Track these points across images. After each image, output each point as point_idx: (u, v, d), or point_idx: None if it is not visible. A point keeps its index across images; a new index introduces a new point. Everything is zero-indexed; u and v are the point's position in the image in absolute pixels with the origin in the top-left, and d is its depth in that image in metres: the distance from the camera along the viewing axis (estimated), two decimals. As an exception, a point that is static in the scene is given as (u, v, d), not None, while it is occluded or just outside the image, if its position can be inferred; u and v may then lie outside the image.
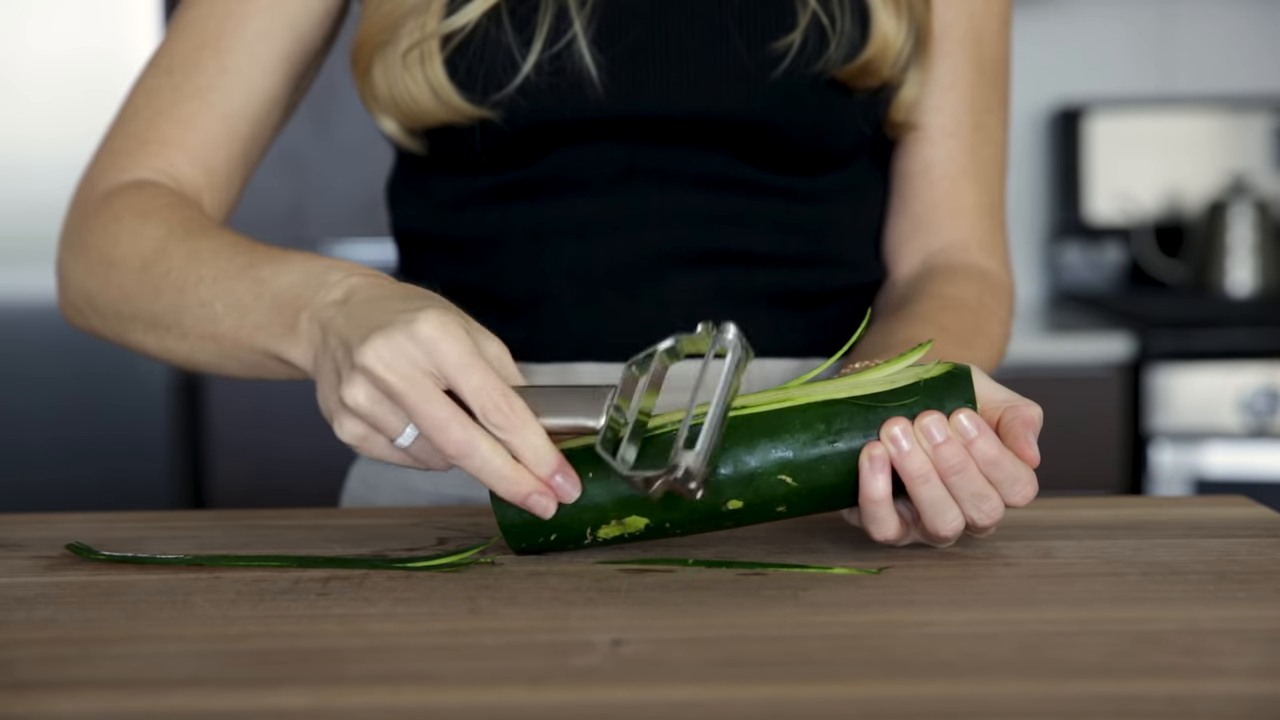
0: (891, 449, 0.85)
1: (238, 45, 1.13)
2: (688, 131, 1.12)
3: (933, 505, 0.86)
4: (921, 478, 0.85)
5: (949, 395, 0.86)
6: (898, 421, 0.85)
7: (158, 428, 2.51)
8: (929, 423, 0.85)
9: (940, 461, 0.85)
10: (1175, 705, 0.65)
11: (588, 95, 1.09)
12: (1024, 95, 3.03)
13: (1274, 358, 2.46)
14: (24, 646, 0.74)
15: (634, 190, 1.13)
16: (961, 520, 0.87)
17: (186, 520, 1.03)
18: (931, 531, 0.87)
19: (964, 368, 0.87)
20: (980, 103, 1.20)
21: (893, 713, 0.64)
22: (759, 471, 0.86)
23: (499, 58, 1.09)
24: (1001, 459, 0.86)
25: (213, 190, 1.13)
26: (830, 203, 1.17)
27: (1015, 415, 0.87)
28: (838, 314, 1.18)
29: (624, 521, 0.87)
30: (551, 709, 0.65)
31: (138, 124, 1.13)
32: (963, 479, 0.85)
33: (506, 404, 0.84)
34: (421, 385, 0.84)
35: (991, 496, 0.86)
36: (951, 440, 0.85)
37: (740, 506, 0.87)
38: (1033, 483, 0.87)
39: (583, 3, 1.10)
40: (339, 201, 2.59)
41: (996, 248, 1.21)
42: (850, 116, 1.13)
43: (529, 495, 0.85)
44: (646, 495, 0.84)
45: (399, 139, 1.15)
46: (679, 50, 1.11)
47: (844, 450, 0.86)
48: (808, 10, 1.11)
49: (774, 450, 0.86)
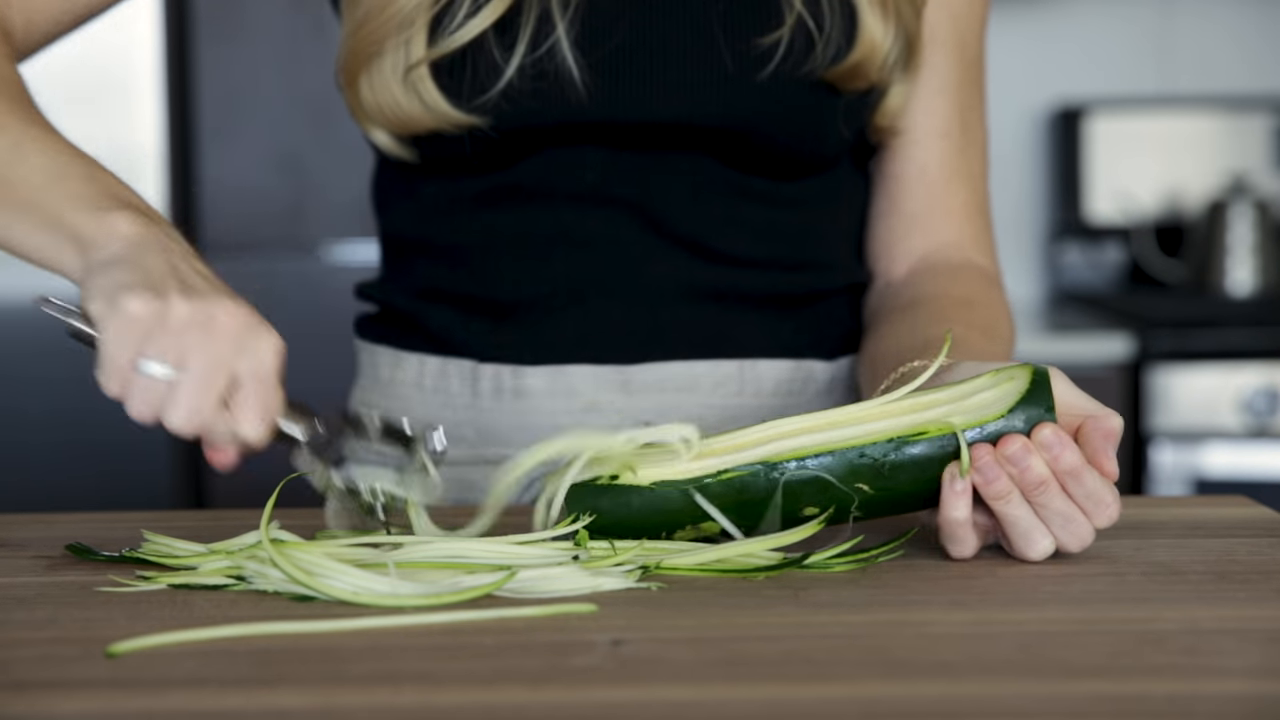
0: (976, 477, 0.85)
1: None
2: (672, 135, 1.11)
3: (1016, 525, 0.86)
4: (1005, 498, 0.85)
5: (1032, 406, 0.86)
6: (983, 450, 0.85)
7: (157, 428, 2.51)
8: (1014, 451, 0.85)
9: (1023, 477, 0.85)
10: (1175, 705, 0.65)
11: (570, 99, 1.09)
12: (1024, 95, 3.03)
13: (1274, 358, 2.46)
14: (24, 646, 0.74)
15: (618, 193, 1.13)
16: (1051, 543, 0.87)
17: (186, 520, 1.03)
18: (1021, 556, 0.87)
19: (1043, 373, 0.87)
20: (966, 103, 1.20)
21: (893, 713, 0.64)
22: (837, 481, 0.86)
23: (482, 62, 1.09)
24: (1082, 471, 0.85)
25: (29, 38, 1.09)
26: (813, 206, 1.17)
27: (1096, 427, 0.87)
28: (824, 316, 1.19)
29: (699, 527, 0.88)
30: (551, 709, 0.65)
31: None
32: (1046, 496, 0.85)
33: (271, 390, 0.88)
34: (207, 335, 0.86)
35: (1077, 518, 0.86)
36: (1034, 458, 0.85)
37: (816, 512, 0.87)
38: (1116, 504, 0.87)
39: (566, 6, 1.09)
40: (338, 201, 2.59)
41: (987, 244, 1.21)
42: (834, 121, 1.13)
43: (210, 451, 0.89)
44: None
45: (390, 149, 1.14)
46: (663, 54, 1.10)
47: (923, 461, 0.86)
48: (794, 13, 1.10)
49: (851, 460, 0.86)
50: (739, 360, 1.15)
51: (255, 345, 0.87)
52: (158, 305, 0.85)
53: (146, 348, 0.85)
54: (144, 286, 0.86)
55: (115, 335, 0.86)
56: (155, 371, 0.85)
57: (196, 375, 0.85)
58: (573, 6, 1.09)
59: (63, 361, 2.49)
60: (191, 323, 0.85)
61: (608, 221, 1.13)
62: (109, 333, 0.86)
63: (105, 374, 0.87)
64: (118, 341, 0.86)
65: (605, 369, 1.13)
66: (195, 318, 0.86)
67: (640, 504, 0.87)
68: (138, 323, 0.85)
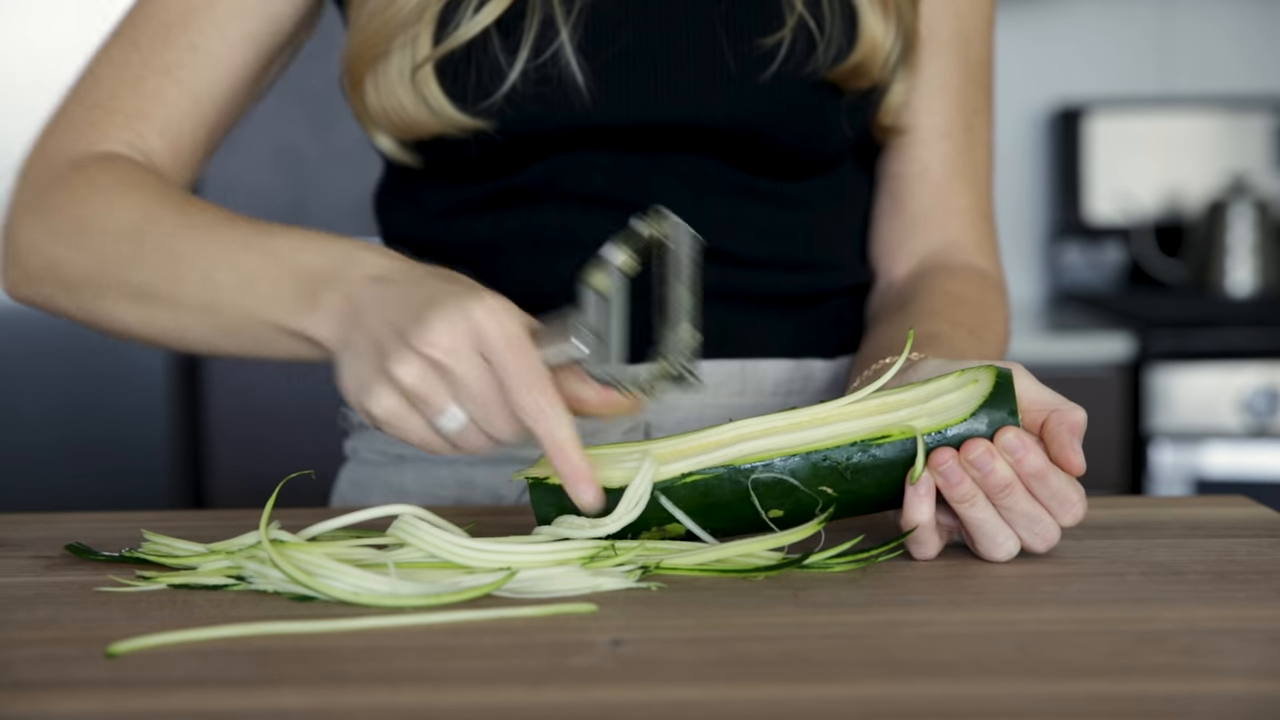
0: (939, 480, 0.85)
1: (209, 24, 1.11)
2: (675, 137, 1.11)
3: (980, 528, 0.86)
4: (969, 501, 0.85)
5: (994, 408, 0.86)
6: (945, 454, 0.85)
7: (157, 428, 2.51)
8: (978, 456, 0.85)
9: (987, 481, 0.85)
10: (1175, 705, 0.65)
11: (574, 104, 1.09)
12: (1024, 95, 3.03)
13: (1274, 358, 2.46)
14: (24, 646, 0.74)
15: (623, 196, 1.12)
16: (1016, 543, 0.87)
17: (186, 520, 1.03)
18: (986, 557, 0.87)
19: (1006, 375, 0.87)
20: (970, 104, 1.20)
21: (893, 713, 0.64)
22: (800, 483, 0.86)
23: (486, 67, 1.09)
24: (1047, 472, 0.85)
25: (177, 169, 1.11)
26: (816, 206, 1.17)
27: (1060, 421, 0.87)
28: (827, 315, 1.19)
29: (665, 529, 0.88)
30: (551, 709, 0.65)
31: (101, 94, 1.11)
32: (1011, 499, 0.85)
33: (540, 392, 0.84)
34: (474, 362, 0.84)
35: (1043, 519, 0.86)
36: (998, 462, 0.85)
37: (781, 515, 0.87)
38: (1082, 502, 0.87)
39: (569, 10, 1.09)
40: (339, 200, 2.59)
41: (990, 248, 1.21)
42: (836, 120, 1.13)
43: (583, 480, 0.85)
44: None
45: (394, 154, 1.14)
46: (667, 57, 1.10)
47: (885, 464, 0.86)
48: (794, 14, 1.10)
49: (815, 463, 0.86)
50: (740, 360, 1.15)
51: (491, 345, 0.85)
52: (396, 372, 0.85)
53: (426, 416, 0.86)
54: (375, 373, 0.87)
55: (388, 413, 0.87)
56: (452, 427, 0.86)
57: (476, 415, 0.86)
58: (575, 11, 1.09)
59: (62, 361, 2.50)
60: (427, 374, 0.85)
61: (613, 223, 1.13)
62: (390, 428, 0.88)
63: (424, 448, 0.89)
64: (400, 421, 0.87)
65: (610, 368, 1.13)
66: (428, 368, 0.85)
67: (607, 504, 0.87)
68: (394, 412, 0.87)
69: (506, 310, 0.86)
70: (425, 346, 0.84)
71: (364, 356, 0.88)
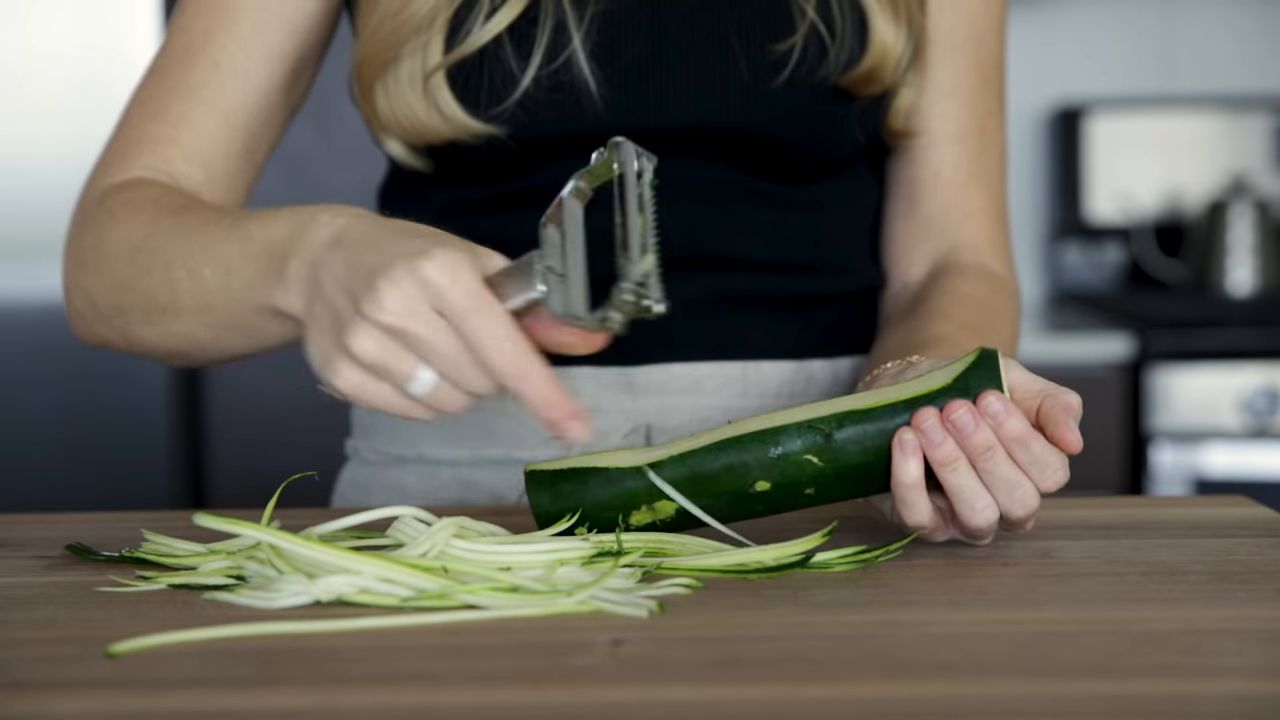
0: (922, 439, 0.85)
1: (229, 41, 1.11)
2: (687, 142, 1.11)
3: (961, 493, 0.86)
4: (951, 464, 0.85)
5: (977, 379, 0.86)
6: (928, 413, 0.85)
7: (157, 427, 2.51)
8: (959, 416, 0.85)
9: (968, 442, 0.85)
10: (1175, 705, 0.65)
11: (587, 110, 1.09)
12: (1024, 95, 3.03)
13: (1274, 358, 2.46)
14: (24, 646, 0.74)
15: None
16: (995, 510, 0.87)
17: (186, 520, 1.03)
18: (965, 523, 0.87)
19: (991, 351, 0.88)
20: (983, 107, 1.20)
21: (893, 713, 0.64)
22: (785, 453, 0.87)
23: (498, 73, 1.08)
24: (1029, 438, 0.86)
25: (212, 187, 1.12)
26: (826, 209, 1.17)
27: (1055, 402, 0.87)
28: (834, 318, 1.19)
29: (654, 507, 0.88)
30: (551, 709, 0.65)
31: (132, 130, 1.12)
32: (993, 463, 0.85)
33: (508, 343, 0.83)
34: (434, 322, 0.82)
35: (1023, 484, 0.86)
36: (980, 424, 0.85)
37: (768, 488, 0.88)
38: (1064, 468, 0.87)
39: (581, 17, 1.09)
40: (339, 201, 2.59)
41: (1004, 250, 1.21)
42: (848, 125, 1.13)
43: (573, 419, 0.83)
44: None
45: (404, 159, 1.13)
46: (679, 63, 1.10)
47: (871, 431, 0.87)
48: (805, 20, 1.10)
49: (800, 433, 0.87)
50: (743, 362, 1.15)
51: (448, 301, 0.82)
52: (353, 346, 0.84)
53: (394, 383, 0.84)
54: (334, 347, 0.85)
55: (351, 386, 0.85)
56: (422, 391, 0.85)
57: (446, 373, 0.84)
58: (587, 17, 1.09)
59: (63, 360, 2.50)
60: (386, 343, 0.83)
61: None
62: (360, 401, 0.86)
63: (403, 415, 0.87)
64: (367, 394, 0.86)
65: (608, 370, 1.13)
66: (386, 336, 0.83)
67: (597, 484, 0.88)
68: (359, 385, 0.85)
69: (459, 263, 0.83)
70: (378, 313, 0.82)
71: (325, 329, 0.87)
